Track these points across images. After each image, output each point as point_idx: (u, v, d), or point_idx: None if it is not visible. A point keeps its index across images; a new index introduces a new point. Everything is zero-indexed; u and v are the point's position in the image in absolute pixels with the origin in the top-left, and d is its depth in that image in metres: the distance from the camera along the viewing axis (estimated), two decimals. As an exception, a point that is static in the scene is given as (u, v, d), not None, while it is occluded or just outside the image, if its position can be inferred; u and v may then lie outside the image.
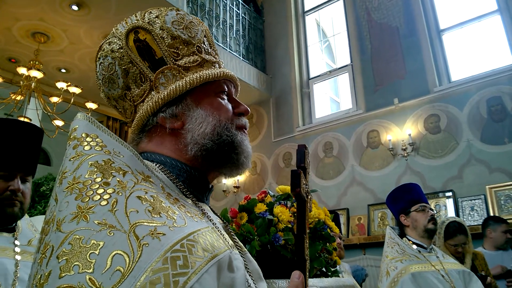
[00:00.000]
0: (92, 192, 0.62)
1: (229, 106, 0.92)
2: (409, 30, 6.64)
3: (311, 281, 1.88)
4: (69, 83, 6.23)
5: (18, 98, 6.08)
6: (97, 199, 0.61)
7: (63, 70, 7.45)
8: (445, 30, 6.57)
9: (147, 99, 0.86)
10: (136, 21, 0.88)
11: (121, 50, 0.86)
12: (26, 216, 1.81)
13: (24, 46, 6.62)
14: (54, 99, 6.32)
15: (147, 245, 0.57)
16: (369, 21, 7.19)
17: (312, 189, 2.27)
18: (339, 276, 2.27)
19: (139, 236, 0.58)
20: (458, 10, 6.61)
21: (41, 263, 0.58)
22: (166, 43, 0.87)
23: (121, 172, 0.67)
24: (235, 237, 0.88)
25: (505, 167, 5.29)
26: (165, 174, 0.80)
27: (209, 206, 0.90)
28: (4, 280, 1.53)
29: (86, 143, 0.70)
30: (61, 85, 6.15)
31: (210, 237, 0.68)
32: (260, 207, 1.96)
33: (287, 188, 2.24)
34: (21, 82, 6.05)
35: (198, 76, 0.86)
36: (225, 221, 0.92)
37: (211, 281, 0.61)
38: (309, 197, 0.85)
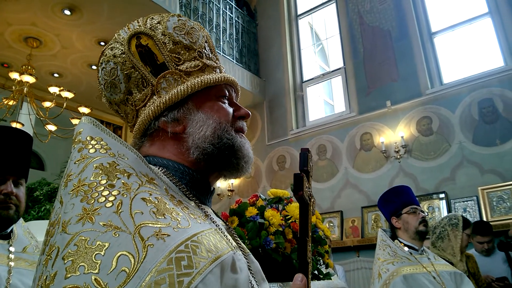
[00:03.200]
0: (97, 194, 0.63)
1: (230, 110, 0.93)
2: (401, 33, 6.69)
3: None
4: (61, 88, 6.20)
5: (11, 103, 6.05)
6: (102, 201, 0.62)
7: (55, 75, 7.43)
8: (436, 33, 6.62)
9: (149, 103, 0.87)
10: (138, 27, 0.89)
11: (123, 55, 0.87)
12: (23, 222, 1.81)
13: (16, 50, 6.60)
14: (47, 104, 6.30)
15: (152, 246, 0.58)
16: (361, 24, 7.23)
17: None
18: (331, 279, 2.28)
19: (144, 237, 0.58)
20: (450, 13, 6.67)
21: (47, 264, 0.59)
22: (168, 48, 0.88)
23: (125, 174, 0.68)
24: (238, 239, 0.88)
25: (497, 168, 5.33)
26: (168, 177, 0.80)
27: (211, 209, 0.91)
28: None
29: (91, 146, 0.71)
30: (53, 89, 6.12)
31: (213, 238, 0.69)
32: (251, 211, 1.97)
33: (279, 192, 2.25)
34: (13, 87, 6.02)
35: (200, 80, 0.87)
36: (227, 224, 0.93)
37: (214, 282, 0.61)
38: (312, 200, 0.86)
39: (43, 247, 0.63)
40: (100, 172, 0.66)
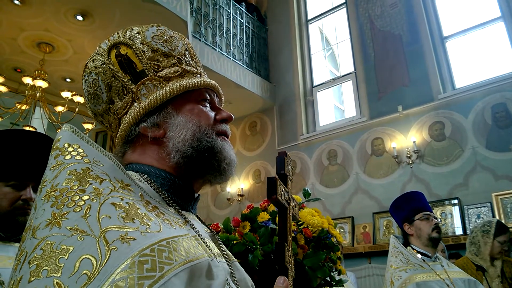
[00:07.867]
0: (67, 199, 0.63)
1: (211, 113, 0.93)
2: (412, 37, 6.65)
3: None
4: (73, 93, 6.27)
5: (24, 107, 6.13)
6: (71, 205, 0.62)
7: (68, 80, 7.51)
8: (448, 37, 6.56)
9: (130, 110, 0.88)
10: (117, 38, 0.92)
11: (104, 66, 0.89)
12: None
13: (29, 56, 6.68)
14: (59, 109, 6.38)
15: (115, 249, 0.57)
16: (372, 29, 7.20)
17: (315, 197, 2.27)
18: (343, 286, 2.25)
19: (108, 240, 0.58)
20: (461, 17, 6.61)
21: (16, 269, 0.59)
22: (147, 56, 0.90)
23: (98, 180, 0.68)
24: (223, 246, 0.90)
25: (511, 174, 5.25)
26: (148, 184, 0.81)
27: (195, 215, 0.91)
28: None
29: (67, 153, 0.71)
30: (66, 94, 6.20)
31: (186, 244, 0.69)
32: (263, 216, 1.95)
33: (294, 197, 2.23)
34: (26, 91, 6.10)
35: (179, 85, 0.88)
36: (212, 231, 0.93)
37: (179, 286, 0.60)
38: (291, 204, 0.85)
39: (17, 253, 0.63)
40: (73, 177, 0.67)
